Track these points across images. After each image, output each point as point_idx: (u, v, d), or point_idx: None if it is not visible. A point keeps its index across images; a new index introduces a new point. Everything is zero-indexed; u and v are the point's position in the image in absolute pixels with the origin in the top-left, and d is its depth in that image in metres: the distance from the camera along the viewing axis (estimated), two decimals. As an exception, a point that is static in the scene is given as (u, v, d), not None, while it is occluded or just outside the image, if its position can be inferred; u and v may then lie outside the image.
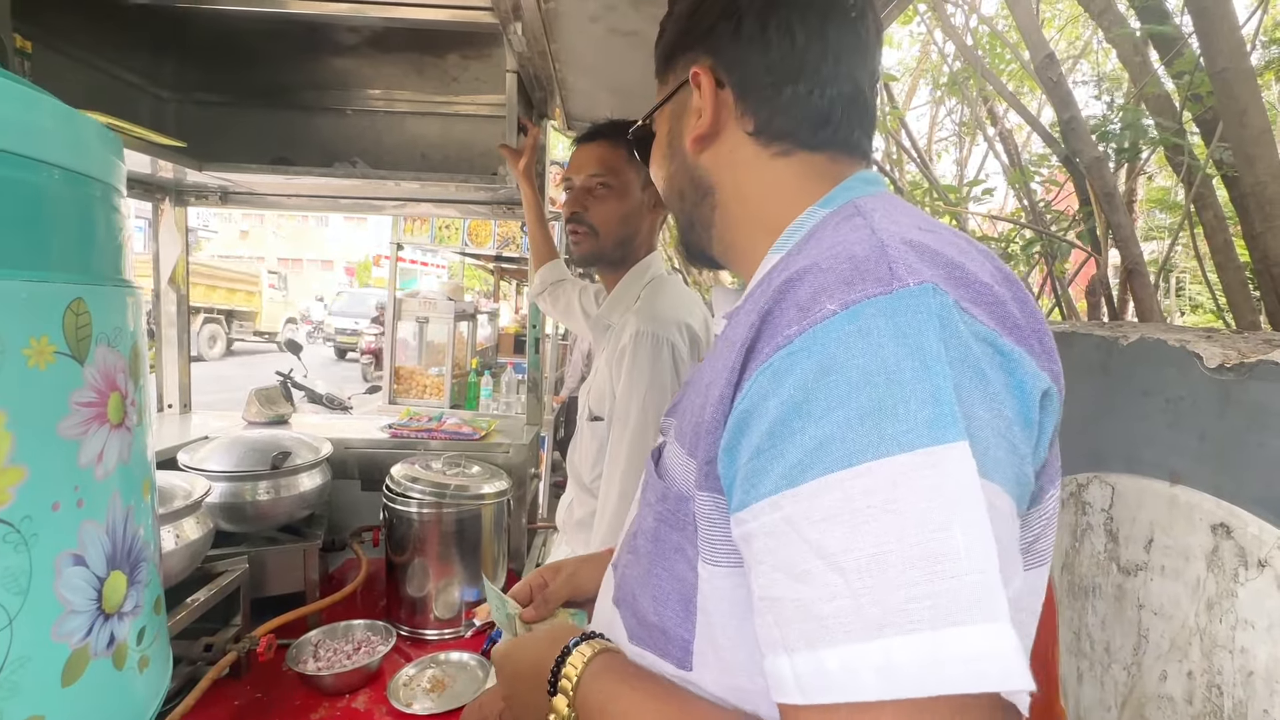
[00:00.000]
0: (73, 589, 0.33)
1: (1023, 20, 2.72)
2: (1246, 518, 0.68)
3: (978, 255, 0.40)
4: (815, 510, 0.32)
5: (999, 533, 0.31)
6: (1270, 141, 1.59)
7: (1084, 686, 0.89)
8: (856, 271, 0.36)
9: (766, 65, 0.51)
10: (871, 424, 0.32)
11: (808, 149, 0.52)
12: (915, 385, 0.32)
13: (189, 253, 1.83)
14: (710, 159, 0.55)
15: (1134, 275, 2.40)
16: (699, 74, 0.53)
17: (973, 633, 0.28)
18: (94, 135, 0.38)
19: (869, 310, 0.34)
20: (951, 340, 0.33)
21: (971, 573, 0.29)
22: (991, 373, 0.34)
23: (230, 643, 1.04)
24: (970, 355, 0.34)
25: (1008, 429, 0.34)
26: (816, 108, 0.51)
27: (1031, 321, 0.39)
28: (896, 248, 0.37)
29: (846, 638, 0.30)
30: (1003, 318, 0.36)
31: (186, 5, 1.26)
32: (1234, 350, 0.71)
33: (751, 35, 0.51)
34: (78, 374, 0.33)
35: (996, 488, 0.33)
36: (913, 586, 0.29)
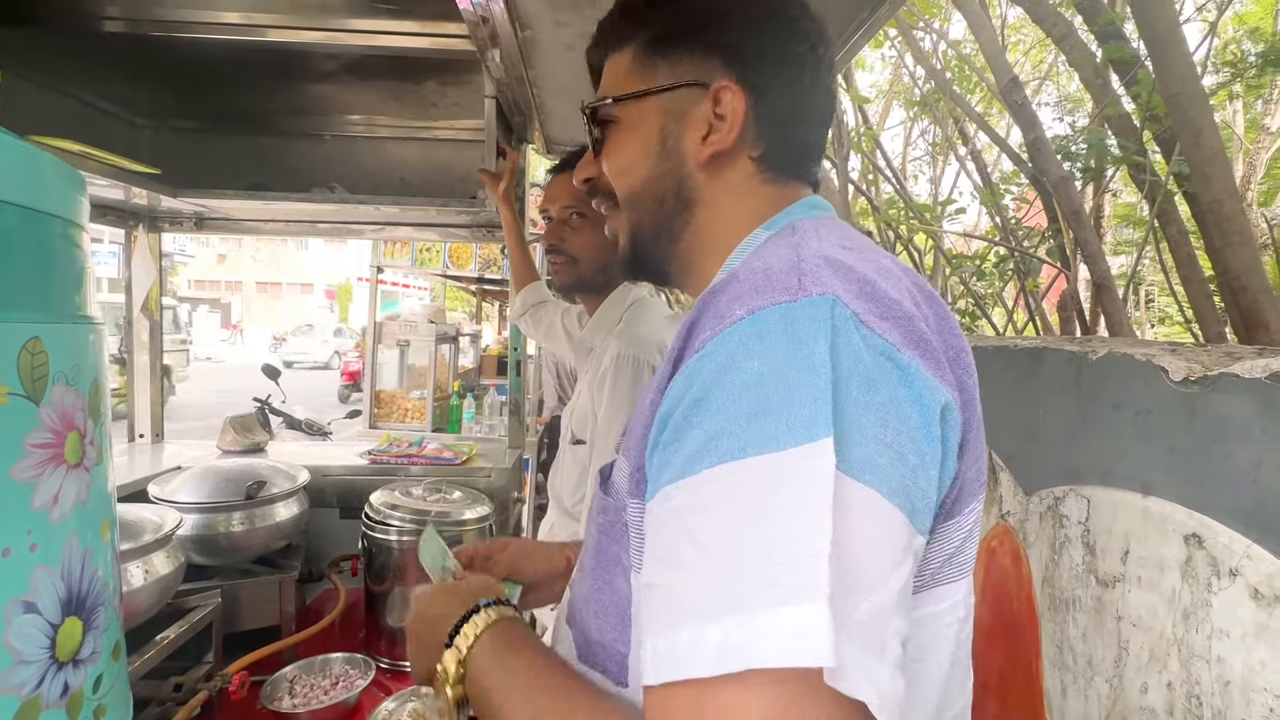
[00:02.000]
0: (23, 638, 0.31)
1: (987, 46, 2.82)
2: (1217, 528, 0.69)
3: (897, 274, 0.42)
4: (698, 500, 0.34)
5: (862, 531, 0.32)
6: (1224, 161, 1.65)
7: (1068, 700, 0.89)
8: (768, 281, 0.38)
9: (793, 104, 0.53)
10: (757, 422, 0.33)
11: (785, 177, 0.54)
12: (798, 388, 0.33)
13: (164, 278, 1.80)
14: (708, 174, 0.54)
15: (1102, 290, 2.46)
16: (729, 89, 0.52)
17: (796, 613, 0.30)
18: (52, 171, 0.38)
19: (770, 316, 0.36)
20: (842, 349, 0.35)
21: (803, 557, 0.30)
22: (882, 383, 0.35)
23: (201, 681, 1.01)
24: (860, 365, 0.35)
25: (894, 438, 0.35)
26: (809, 144, 0.55)
27: (944, 339, 0.40)
28: (810, 262, 0.39)
29: (698, 619, 0.32)
30: (907, 333, 0.38)
31: (161, 33, 1.26)
32: (1197, 363, 0.73)
33: (786, 71, 0.52)
34: (33, 415, 0.32)
35: (864, 488, 0.33)
36: (760, 572, 0.31)
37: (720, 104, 0.52)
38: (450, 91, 1.58)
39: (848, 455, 0.33)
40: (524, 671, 0.45)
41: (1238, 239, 1.69)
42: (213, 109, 1.66)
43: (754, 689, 0.30)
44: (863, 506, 0.33)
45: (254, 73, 1.49)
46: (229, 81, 1.53)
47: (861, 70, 6.38)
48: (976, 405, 0.44)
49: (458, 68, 1.46)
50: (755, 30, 0.53)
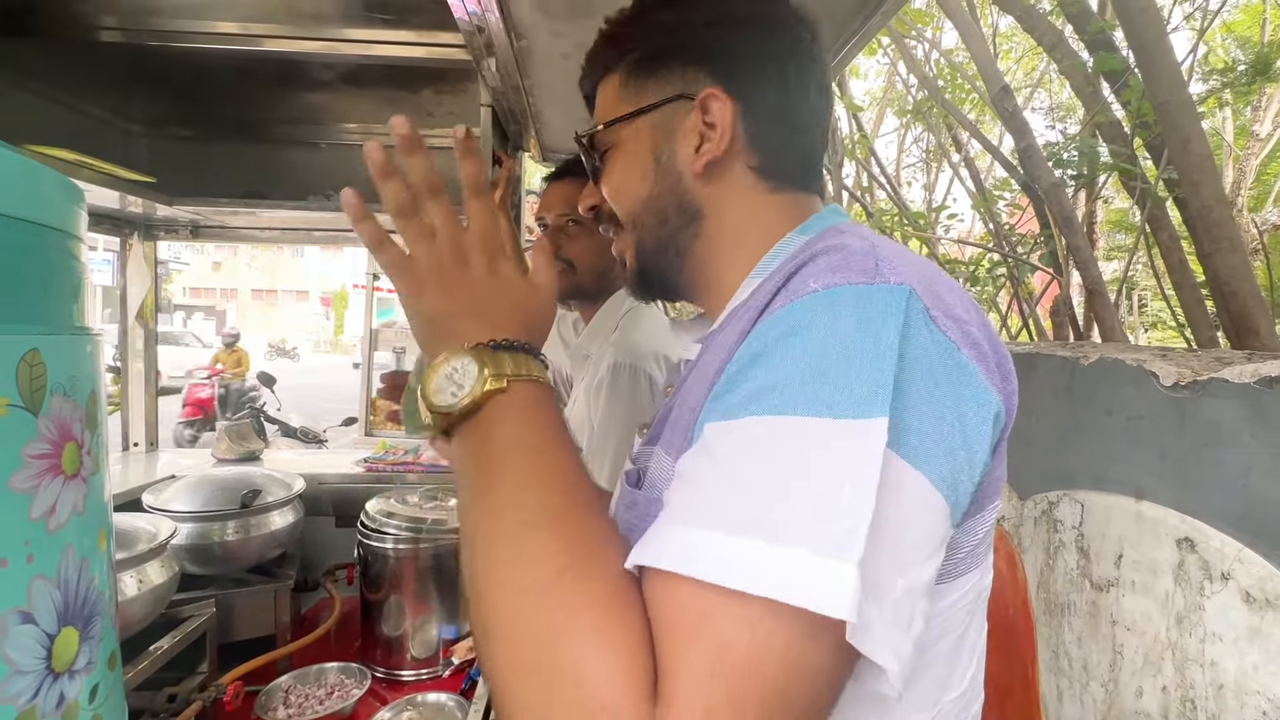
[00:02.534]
0: (20, 648, 0.31)
1: (978, 54, 2.84)
2: (1209, 531, 0.69)
3: (950, 282, 0.44)
4: (737, 441, 0.35)
5: (909, 512, 0.34)
6: (1212, 168, 1.67)
7: (1064, 704, 0.89)
8: (845, 262, 0.39)
9: (781, 106, 0.53)
10: (812, 385, 0.34)
11: (796, 188, 0.55)
12: (861, 366, 0.34)
13: (159, 285, 1.80)
14: (709, 186, 0.54)
15: (1094, 295, 2.48)
16: (716, 97, 0.51)
17: (826, 564, 0.30)
18: (53, 185, 0.38)
19: (844, 293, 0.37)
20: (910, 339, 0.36)
21: (846, 520, 0.31)
22: (945, 379, 0.37)
23: (195, 692, 1.00)
24: (927, 357, 0.36)
25: (949, 432, 0.36)
26: (809, 151, 0.55)
27: (992, 348, 0.41)
28: (887, 251, 0.41)
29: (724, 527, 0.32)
30: (965, 335, 0.39)
31: (158, 43, 1.26)
32: (1187, 368, 0.73)
33: (773, 76, 0.53)
34: (31, 426, 0.32)
35: (917, 473, 0.34)
36: (793, 512, 0.32)
37: (709, 113, 0.52)
38: (446, 100, 1.59)
39: (905, 440, 0.34)
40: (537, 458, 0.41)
41: (1227, 244, 1.71)
42: (209, 117, 1.66)
43: (767, 616, 0.30)
44: (913, 490, 0.34)
45: (250, 82, 1.50)
46: (225, 90, 1.53)
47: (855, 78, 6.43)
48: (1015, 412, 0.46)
49: (453, 76, 1.47)
50: (737, 37, 0.53)
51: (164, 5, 1.20)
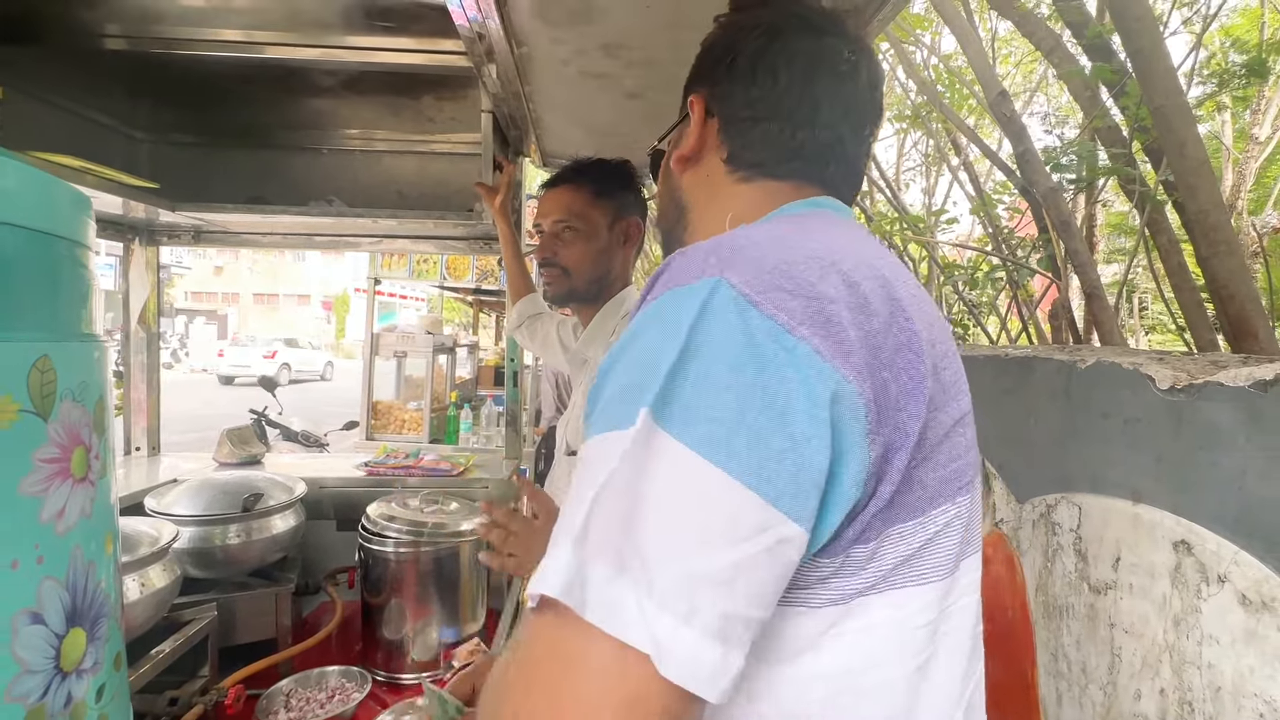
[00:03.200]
0: (29, 648, 0.32)
1: (975, 59, 2.86)
2: (1205, 534, 0.70)
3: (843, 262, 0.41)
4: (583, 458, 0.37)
5: (687, 501, 0.34)
6: (1209, 172, 1.68)
7: (1064, 707, 0.89)
8: (684, 266, 0.40)
9: (748, 101, 0.55)
10: (624, 398, 0.36)
11: (771, 176, 0.56)
12: (657, 367, 0.35)
13: (161, 290, 1.81)
14: (689, 180, 0.60)
15: (1093, 299, 2.48)
16: (694, 102, 0.58)
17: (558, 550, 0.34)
18: (63, 196, 0.39)
19: (665, 300, 0.38)
20: (712, 329, 0.36)
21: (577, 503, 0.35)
22: (755, 364, 0.35)
23: (197, 695, 1.00)
24: (732, 344, 0.35)
25: (757, 418, 0.35)
26: (787, 144, 0.55)
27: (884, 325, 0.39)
28: (728, 244, 0.40)
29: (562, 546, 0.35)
30: (811, 314, 0.37)
31: (161, 50, 1.27)
32: (1183, 372, 0.74)
33: (741, 73, 0.56)
34: (41, 431, 0.33)
35: (703, 461, 0.34)
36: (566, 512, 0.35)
37: (693, 117, 0.58)
38: (447, 106, 1.60)
39: (693, 430, 0.34)
40: None
41: (1224, 248, 1.72)
42: (211, 124, 1.67)
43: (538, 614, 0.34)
44: (695, 478, 0.34)
45: (253, 88, 1.51)
46: (228, 97, 1.55)
47: (855, 82, 6.44)
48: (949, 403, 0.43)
49: (454, 83, 1.48)
50: (712, 44, 0.59)
51: (168, 13, 1.21)
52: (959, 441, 0.44)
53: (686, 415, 0.34)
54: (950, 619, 0.44)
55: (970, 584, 0.46)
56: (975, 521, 0.47)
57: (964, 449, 0.44)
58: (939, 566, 0.43)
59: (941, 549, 0.43)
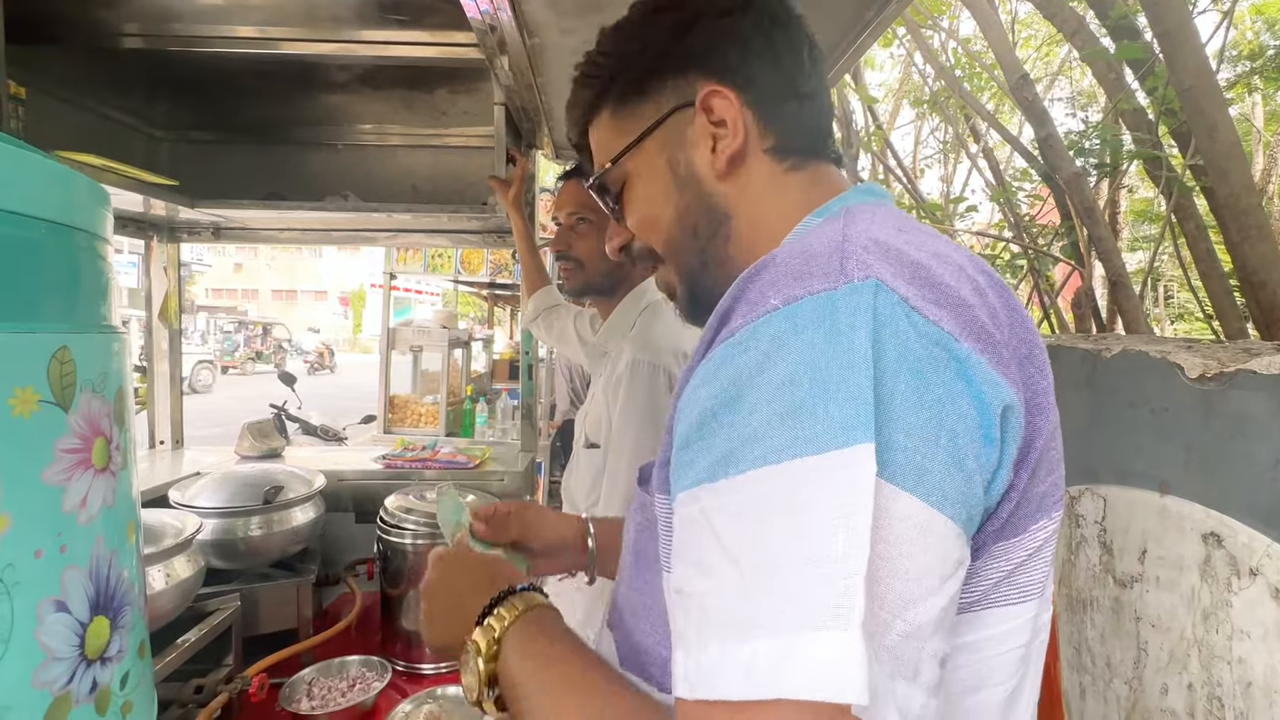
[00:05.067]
0: (54, 636, 0.33)
1: (996, 43, 2.80)
2: (1236, 526, 0.68)
3: (959, 261, 0.38)
4: (729, 505, 0.32)
5: (904, 544, 0.30)
6: (1240, 155, 1.63)
7: (1087, 702, 0.88)
8: (807, 267, 0.36)
9: (781, 79, 0.51)
10: (791, 424, 0.31)
11: (813, 159, 0.52)
12: (837, 386, 0.31)
13: (182, 287, 1.84)
14: (729, 184, 0.52)
15: (1117, 287, 2.43)
16: (716, 93, 0.50)
17: (829, 640, 0.28)
18: (82, 189, 0.39)
19: (807, 306, 0.34)
20: (888, 339, 0.32)
21: (838, 578, 0.29)
22: (936, 376, 0.32)
23: (222, 684, 1.02)
24: (910, 356, 0.32)
25: (949, 438, 0.32)
26: (819, 118, 0.53)
27: (1014, 332, 0.37)
28: (856, 243, 0.36)
29: (728, 636, 0.30)
30: (965, 322, 0.34)
31: (179, 48, 1.29)
32: (1214, 360, 0.72)
33: (762, 52, 0.51)
34: (62, 421, 0.34)
35: (910, 497, 0.31)
36: (792, 590, 0.29)
37: (714, 111, 0.50)
38: (460, 99, 1.60)
39: (891, 459, 0.31)
40: (559, 667, 0.44)
41: (1256, 233, 1.67)
42: (229, 121, 1.69)
43: (786, 716, 0.28)
44: (907, 517, 0.31)
45: (269, 85, 1.52)
46: (244, 94, 1.56)
47: (870, 69, 6.35)
48: (1051, 412, 0.39)
49: (467, 76, 1.48)
50: (716, 29, 0.52)
51: (184, 11, 1.22)
52: (1053, 454, 0.40)
53: (886, 445, 0.31)
54: (1039, 635, 0.42)
55: (1051, 595, 0.44)
56: None
57: (1057, 460, 0.41)
58: (1035, 583, 0.40)
59: (1037, 566, 0.40)
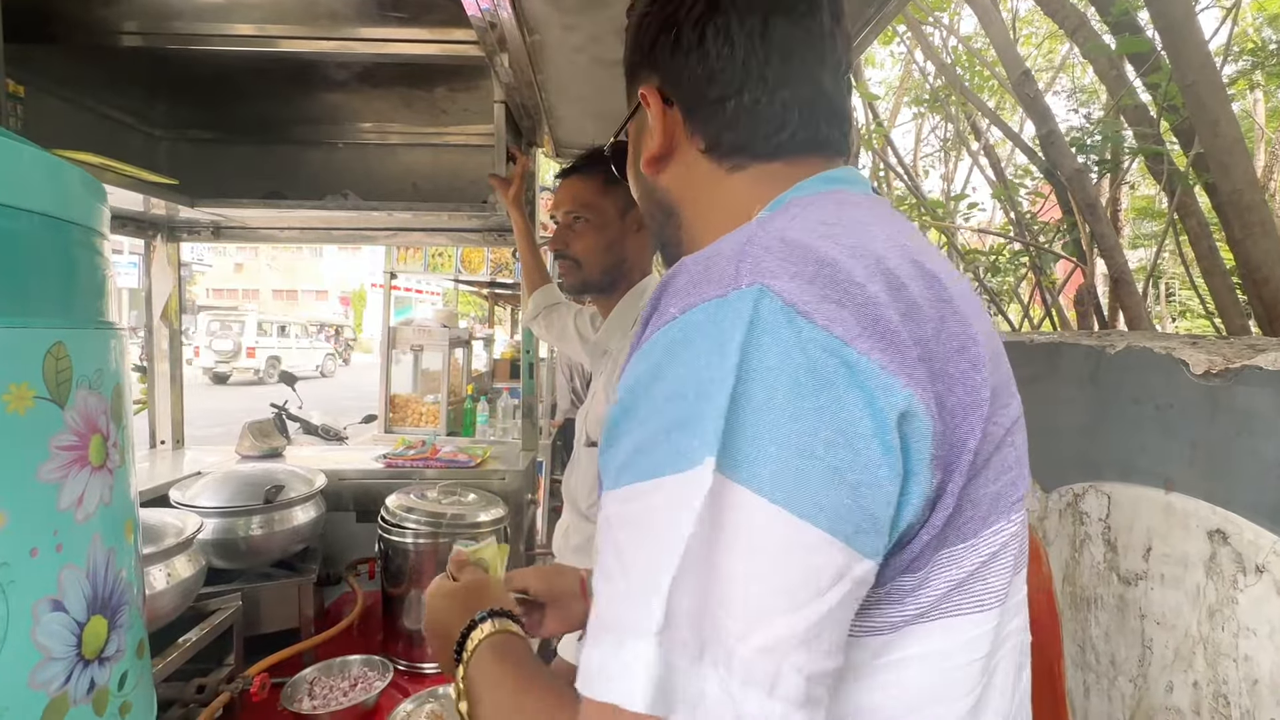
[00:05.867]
0: (51, 635, 0.32)
1: (997, 39, 2.79)
2: (1242, 523, 0.68)
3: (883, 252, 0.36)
4: (624, 513, 0.33)
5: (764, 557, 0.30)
6: (1243, 150, 1.62)
7: (1091, 699, 0.88)
8: (706, 273, 0.35)
9: (708, 77, 0.47)
10: (672, 437, 0.32)
11: (763, 159, 0.48)
12: (710, 400, 0.31)
13: (183, 287, 1.83)
14: (669, 179, 0.52)
15: (1120, 284, 2.42)
16: (646, 94, 0.50)
17: (631, 648, 0.30)
18: (76, 181, 0.39)
19: (699, 316, 0.33)
20: (766, 347, 0.31)
21: (645, 591, 0.30)
22: (815, 384, 0.31)
23: (223, 683, 1.02)
24: (788, 363, 0.31)
25: (828, 450, 0.31)
26: (767, 116, 0.47)
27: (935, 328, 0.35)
28: (759, 245, 0.35)
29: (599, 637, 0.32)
30: (867, 323, 0.33)
31: (178, 46, 1.28)
32: (1219, 356, 0.71)
33: (690, 46, 0.48)
34: (58, 417, 0.33)
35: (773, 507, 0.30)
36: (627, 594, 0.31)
37: (651, 111, 0.50)
38: (460, 97, 1.59)
39: (759, 472, 0.30)
40: (512, 677, 0.47)
41: (1259, 229, 1.66)
42: (228, 119, 1.69)
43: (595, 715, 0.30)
44: (771, 529, 0.30)
45: (268, 83, 1.52)
46: (243, 92, 1.56)
47: (871, 67, 6.34)
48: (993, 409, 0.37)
49: (467, 73, 1.47)
50: (651, 26, 0.51)
51: (183, 9, 1.22)
52: (1010, 452, 0.39)
53: (755, 457, 0.30)
54: (1003, 645, 0.40)
55: (1020, 602, 0.42)
56: (1026, 535, 0.43)
57: (1015, 459, 0.40)
58: (994, 591, 0.38)
59: (996, 573, 0.38)
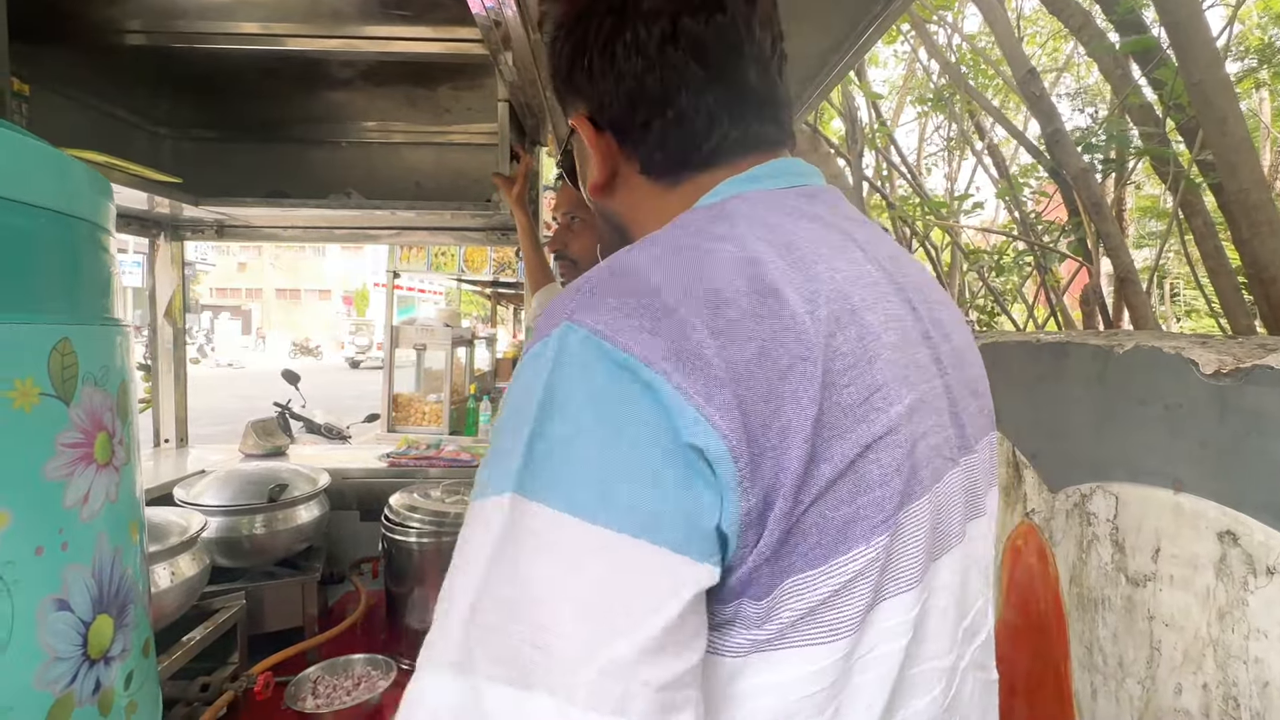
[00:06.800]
0: (56, 635, 0.32)
1: (1003, 38, 2.78)
2: (1253, 524, 0.67)
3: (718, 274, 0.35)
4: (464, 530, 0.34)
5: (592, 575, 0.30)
6: (1251, 149, 1.61)
7: (1098, 701, 0.87)
8: (550, 311, 0.36)
9: (630, 99, 0.46)
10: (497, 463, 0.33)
11: (695, 171, 0.47)
12: (519, 431, 0.32)
13: (186, 286, 1.84)
14: (616, 203, 0.52)
15: (1126, 283, 2.42)
16: (575, 124, 0.49)
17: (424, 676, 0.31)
18: (82, 177, 0.38)
19: (537, 349, 0.35)
20: (566, 377, 0.33)
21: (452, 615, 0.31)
22: (616, 402, 0.32)
23: (227, 682, 1.02)
24: (588, 386, 0.32)
25: (636, 465, 0.31)
26: (695, 126, 0.45)
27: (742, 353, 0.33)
28: (594, 280, 0.36)
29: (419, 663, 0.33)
30: (671, 349, 0.32)
31: (182, 45, 1.28)
32: (1229, 356, 0.71)
33: (603, 70, 0.46)
34: (63, 415, 0.33)
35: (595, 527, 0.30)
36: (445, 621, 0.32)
37: (586, 139, 0.49)
38: (464, 96, 1.59)
39: (579, 496, 0.30)
40: None
41: (1266, 229, 1.65)
42: (232, 118, 1.69)
43: None
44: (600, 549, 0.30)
45: (271, 82, 1.52)
46: (247, 91, 1.56)
47: (874, 66, 6.33)
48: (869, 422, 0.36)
49: (471, 72, 1.47)
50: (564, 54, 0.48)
51: (187, 7, 1.22)
52: (873, 470, 0.36)
53: (558, 477, 0.31)
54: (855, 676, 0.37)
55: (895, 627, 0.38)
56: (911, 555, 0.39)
57: (880, 478, 0.36)
58: (847, 621, 0.36)
59: (849, 603, 0.36)
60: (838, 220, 0.45)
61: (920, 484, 0.39)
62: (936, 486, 0.41)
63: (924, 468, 0.39)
